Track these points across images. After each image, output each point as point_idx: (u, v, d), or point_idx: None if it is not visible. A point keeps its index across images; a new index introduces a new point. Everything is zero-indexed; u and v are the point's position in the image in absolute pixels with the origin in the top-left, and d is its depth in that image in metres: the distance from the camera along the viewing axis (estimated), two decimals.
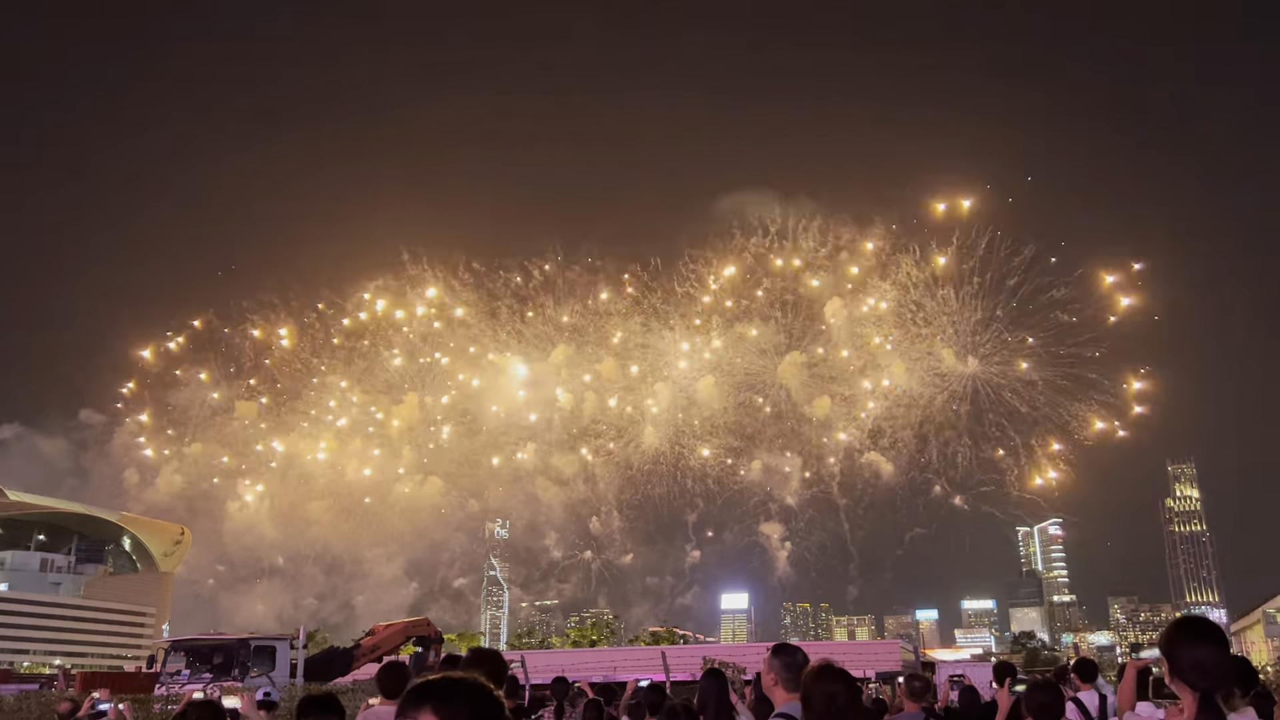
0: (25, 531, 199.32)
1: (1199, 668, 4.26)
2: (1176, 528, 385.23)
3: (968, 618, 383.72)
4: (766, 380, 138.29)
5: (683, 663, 35.88)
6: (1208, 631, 4.40)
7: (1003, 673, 12.15)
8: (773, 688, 6.30)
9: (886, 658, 47.79)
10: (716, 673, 10.87)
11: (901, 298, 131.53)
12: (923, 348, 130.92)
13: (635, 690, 13.90)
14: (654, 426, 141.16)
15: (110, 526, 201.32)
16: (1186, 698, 4.27)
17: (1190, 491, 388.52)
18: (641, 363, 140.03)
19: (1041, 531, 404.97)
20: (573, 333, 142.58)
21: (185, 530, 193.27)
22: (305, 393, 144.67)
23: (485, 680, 2.96)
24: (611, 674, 37.32)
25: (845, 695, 5.04)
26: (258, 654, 31.63)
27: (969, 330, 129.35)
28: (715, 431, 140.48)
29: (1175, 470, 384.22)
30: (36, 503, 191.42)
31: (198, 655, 32.63)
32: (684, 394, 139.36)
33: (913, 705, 10.57)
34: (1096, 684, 12.24)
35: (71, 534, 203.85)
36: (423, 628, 45.89)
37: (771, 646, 6.50)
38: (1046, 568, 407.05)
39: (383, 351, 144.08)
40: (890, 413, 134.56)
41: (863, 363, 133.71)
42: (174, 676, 31.23)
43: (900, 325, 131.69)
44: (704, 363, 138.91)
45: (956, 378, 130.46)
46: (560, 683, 16.14)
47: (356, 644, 42.83)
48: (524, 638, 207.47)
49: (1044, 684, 8.06)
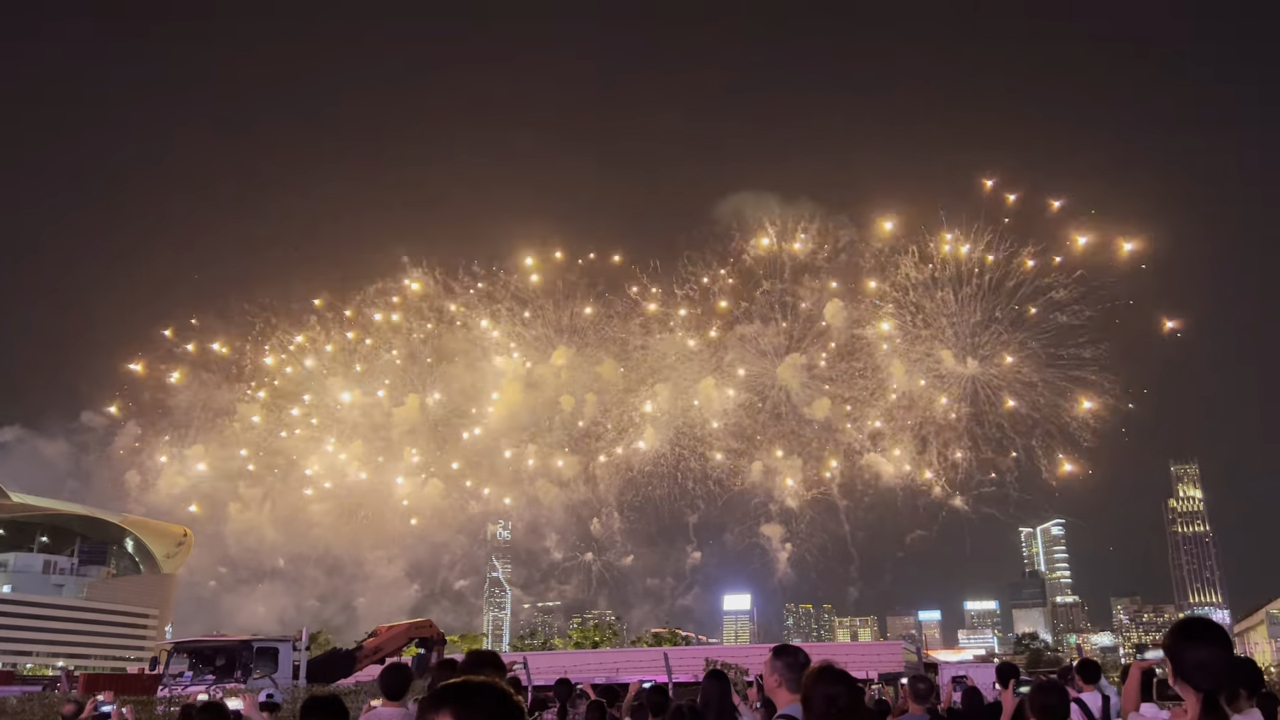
0: (28, 533, 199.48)
1: (1202, 669, 4.26)
2: (1180, 528, 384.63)
3: (971, 618, 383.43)
4: (766, 382, 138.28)
5: (685, 664, 35.80)
6: (1211, 632, 4.39)
7: (1006, 674, 12.13)
8: (776, 689, 6.29)
9: (889, 659, 47.60)
10: (719, 674, 10.88)
11: (901, 299, 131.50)
12: (922, 349, 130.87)
13: (638, 692, 13.90)
14: (654, 428, 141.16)
15: (113, 528, 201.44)
16: (1190, 699, 4.27)
17: (1194, 492, 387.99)
18: (641, 364, 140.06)
19: (1044, 532, 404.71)
20: (573, 334, 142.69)
21: (188, 532, 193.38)
22: (306, 395, 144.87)
23: (505, 684, 3.00)
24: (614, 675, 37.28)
25: (846, 697, 5.03)
26: (261, 656, 31.64)
27: (968, 332, 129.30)
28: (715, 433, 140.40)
29: (1178, 471, 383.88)
30: (39, 504, 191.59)
31: (201, 657, 32.65)
32: (684, 395, 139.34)
33: (917, 707, 10.55)
34: (1099, 685, 12.20)
35: (74, 536, 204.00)
36: (425, 629, 45.92)
37: (773, 648, 6.49)
38: (1049, 568, 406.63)
39: (383, 354, 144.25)
40: (890, 414, 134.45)
41: (862, 364, 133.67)
42: (177, 678, 31.25)
43: (900, 327, 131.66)
44: (704, 364, 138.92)
45: (956, 379, 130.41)
46: (563, 684, 16.14)
47: (359, 645, 42.85)
48: (527, 639, 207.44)
49: (1049, 685, 8.03)
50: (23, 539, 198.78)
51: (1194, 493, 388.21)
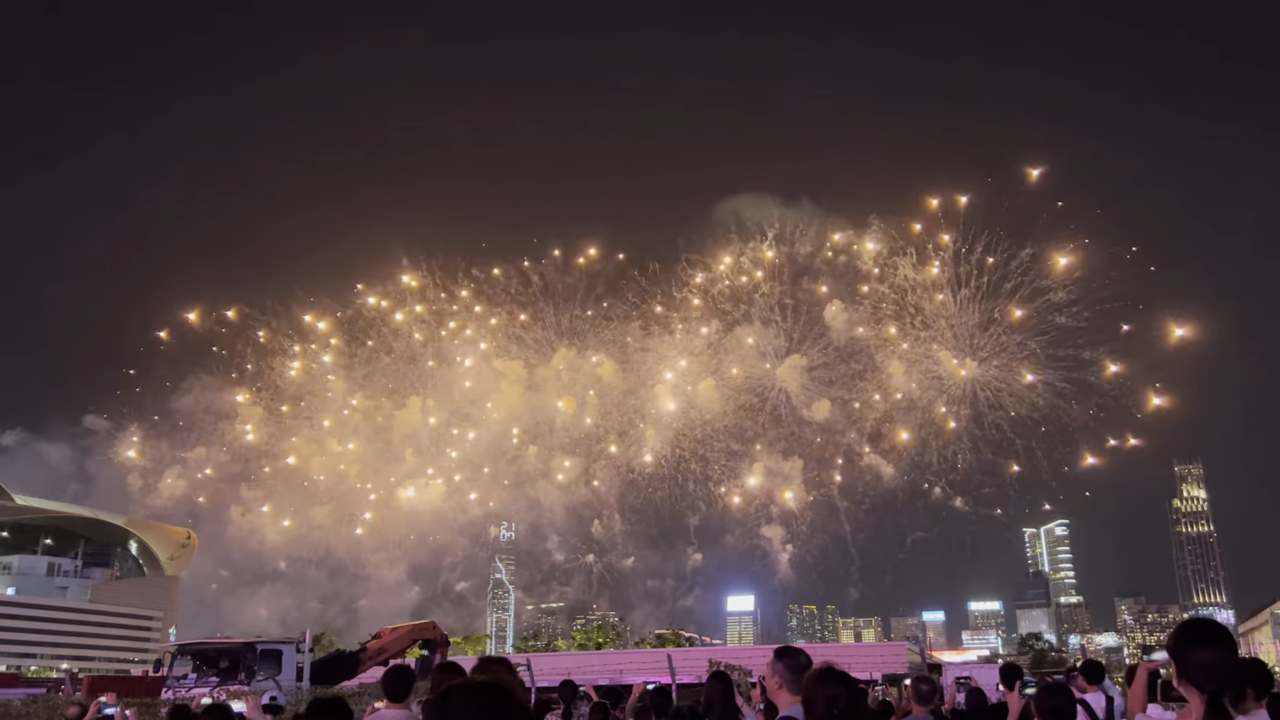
0: (32, 536, 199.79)
1: (1206, 669, 4.23)
2: (1184, 528, 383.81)
3: (974, 619, 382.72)
4: (766, 384, 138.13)
5: (689, 665, 35.77)
6: (1215, 633, 4.37)
7: (1010, 675, 12.09)
8: (777, 691, 6.28)
9: (892, 660, 47.56)
10: (722, 676, 10.86)
11: (900, 300, 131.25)
12: (921, 350, 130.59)
13: (641, 694, 13.88)
14: (654, 430, 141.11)
15: (116, 530, 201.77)
16: (1194, 700, 4.25)
17: (1198, 492, 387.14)
18: (641, 366, 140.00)
19: (1048, 533, 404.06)
20: (572, 337, 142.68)
21: (191, 534, 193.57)
22: (307, 397, 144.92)
23: (510, 681, 3.02)
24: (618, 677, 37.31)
25: (847, 698, 5.01)
26: (264, 658, 31.65)
27: (967, 333, 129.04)
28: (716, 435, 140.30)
29: (1182, 471, 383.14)
30: (43, 507, 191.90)
31: (204, 659, 32.68)
32: (684, 397, 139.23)
33: (920, 708, 10.50)
34: (1103, 686, 12.15)
35: (78, 538, 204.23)
36: (429, 631, 45.88)
37: (775, 649, 6.48)
38: (1053, 569, 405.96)
39: (384, 356, 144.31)
40: (890, 415, 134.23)
41: (861, 366, 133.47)
42: (181, 680, 31.27)
43: (898, 328, 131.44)
44: (703, 366, 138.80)
45: (955, 380, 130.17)
46: (568, 686, 16.14)
47: (363, 647, 42.79)
48: (530, 640, 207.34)
49: (1056, 687, 7.99)
50: (27, 541, 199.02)
51: (1198, 493, 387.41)
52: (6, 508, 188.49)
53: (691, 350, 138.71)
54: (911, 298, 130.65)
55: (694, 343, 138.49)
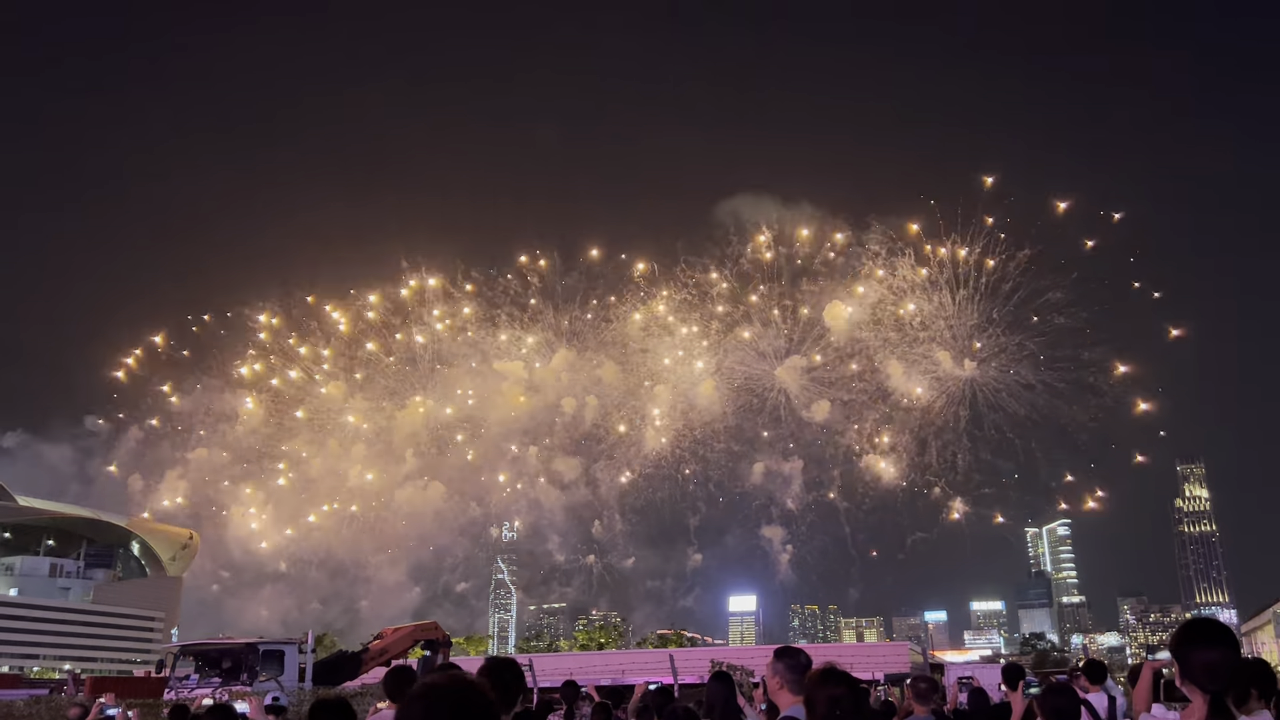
0: (34, 537, 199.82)
1: (1209, 669, 4.23)
2: (1186, 528, 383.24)
3: (977, 619, 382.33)
4: (766, 384, 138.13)
5: (691, 665, 35.79)
6: (1218, 633, 4.36)
7: (1013, 675, 12.08)
8: (778, 691, 6.26)
9: (895, 660, 47.54)
10: (724, 676, 10.84)
11: (899, 301, 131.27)
12: (920, 351, 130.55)
13: (643, 694, 13.86)
14: (655, 430, 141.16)
15: (118, 531, 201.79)
16: (1196, 700, 4.24)
17: (1200, 492, 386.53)
18: (641, 367, 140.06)
19: (1050, 532, 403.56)
20: (573, 338, 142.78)
21: (193, 534, 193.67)
22: (308, 399, 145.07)
23: (481, 683, 3.04)
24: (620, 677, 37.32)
25: (849, 698, 5.00)
26: (266, 658, 31.67)
27: (966, 334, 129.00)
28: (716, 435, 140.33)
29: (1184, 470, 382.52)
30: (45, 508, 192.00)
31: (207, 660, 32.72)
32: (684, 398, 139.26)
33: (921, 708, 10.49)
34: (1106, 686, 12.13)
35: (80, 539, 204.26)
36: (431, 631, 45.93)
37: (776, 650, 6.47)
38: (1055, 568, 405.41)
39: (384, 358, 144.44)
40: (889, 416, 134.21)
41: (861, 366, 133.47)
42: (183, 681, 31.30)
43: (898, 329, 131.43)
44: (704, 367, 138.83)
45: (954, 381, 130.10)
46: (570, 687, 16.14)
47: (365, 648, 42.83)
48: (533, 641, 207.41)
49: (1060, 688, 7.99)
50: (29, 542, 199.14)
51: (1200, 492, 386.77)
52: (8, 509, 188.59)
53: (692, 351, 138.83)
54: (910, 298, 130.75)
55: (694, 344, 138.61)
